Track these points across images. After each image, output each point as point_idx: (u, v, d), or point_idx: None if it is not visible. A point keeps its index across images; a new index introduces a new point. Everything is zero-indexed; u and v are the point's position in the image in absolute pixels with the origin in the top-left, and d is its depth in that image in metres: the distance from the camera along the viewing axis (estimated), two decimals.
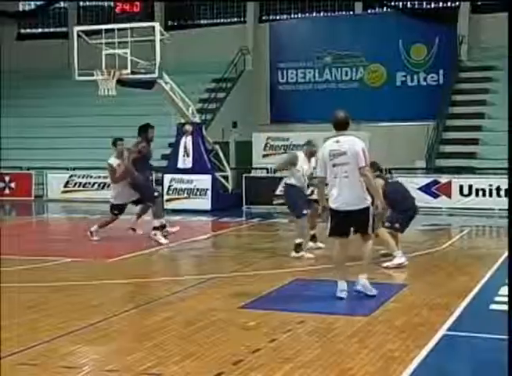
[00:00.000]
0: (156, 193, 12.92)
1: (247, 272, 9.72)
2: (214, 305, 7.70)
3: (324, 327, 6.79)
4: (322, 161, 7.94)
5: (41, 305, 7.93)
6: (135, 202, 12.84)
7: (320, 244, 11.22)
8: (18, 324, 7.01)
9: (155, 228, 12.45)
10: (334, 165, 7.81)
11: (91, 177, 21.34)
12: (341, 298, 7.82)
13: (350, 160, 7.74)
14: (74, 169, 22.13)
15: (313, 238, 11.33)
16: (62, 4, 29.33)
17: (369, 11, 26.45)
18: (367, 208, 7.84)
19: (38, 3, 29.44)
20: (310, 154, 10.90)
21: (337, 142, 7.88)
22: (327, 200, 8.08)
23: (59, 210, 19.96)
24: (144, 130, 12.68)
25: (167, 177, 18.33)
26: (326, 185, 8.10)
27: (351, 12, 26.45)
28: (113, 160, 12.71)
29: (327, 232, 8.10)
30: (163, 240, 12.28)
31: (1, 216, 18.75)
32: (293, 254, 10.69)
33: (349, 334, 6.53)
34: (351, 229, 7.98)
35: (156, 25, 16.86)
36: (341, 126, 7.98)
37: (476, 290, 8.30)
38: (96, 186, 21.21)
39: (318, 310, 7.38)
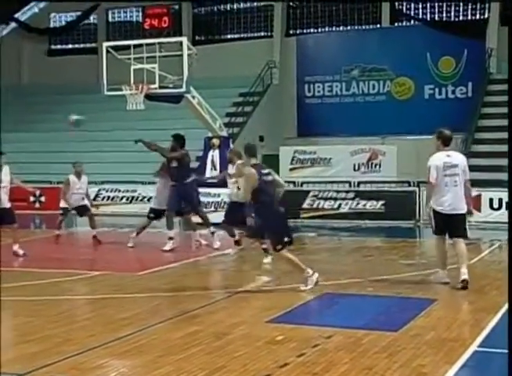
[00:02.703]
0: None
1: (275, 285, 9.70)
2: (242, 319, 7.69)
3: (353, 342, 6.74)
4: (435, 171, 9.16)
5: (72, 317, 8.00)
6: (177, 214, 13.07)
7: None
8: (49, 336, 7.07)
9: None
10: (446, 175, 9.19)
11: (119, 191, 21.50)
12: (447, 283, 9.37)
13: (459, 172, 9.27)
14: (103, 183, 22.31)
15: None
16: (91, 20, 29.72)
17: (396, 24, 26.43)
18: (464, 214, 9.31)
19: (69, 20, 29.85)
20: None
21: (449, 156, 9.32)
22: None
23: (87, 223, 20.07)
24: (183, 139, 12.85)
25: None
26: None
27: (379, 26, 26.46)
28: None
29: (432, 231, 9.53)
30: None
31: (32, 230, 18.95)
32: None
33: (378, 350, 6.48)
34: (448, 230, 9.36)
35: (184, 40, 17.02)
36: (449, 141, 9.44)
37: (507, 305, 8.20)
38: (125, 199, 21.37)
39: (346, 325, 7.34)
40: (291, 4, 27.61)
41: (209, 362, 6.16)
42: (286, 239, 9.10)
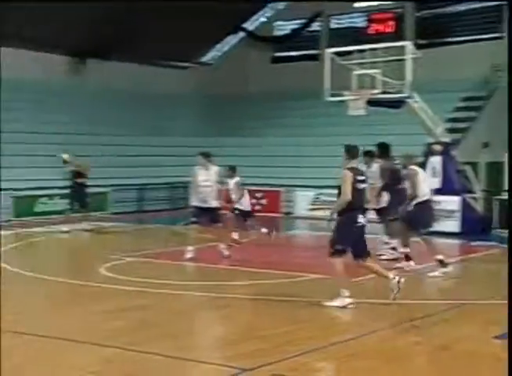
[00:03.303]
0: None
1: (502, 300, 9.19)
2: (465, 333, 7.40)
3: None
4: None
5: (293, 318, 8.18)
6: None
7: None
8: (272, 336, 7.29)
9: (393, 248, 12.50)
10: None
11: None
12: None
13: None
14: (321, 187, 22.61)
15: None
16: (314, 27, 30.31)
17: None
18: None
19: (293, 27, 30.70)
20: None
21: None
22: None
23: (306, 227, 20.50)
24: (387, 148, 12.79)
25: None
26: None
27: None
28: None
29: None
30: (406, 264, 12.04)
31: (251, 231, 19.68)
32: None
33: None
34: None
35: (408, 44, 16.76)
36: None
37: None
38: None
39: None
40: None
41: (430, 374, 5.98)
42: (339, 247, 8.75)
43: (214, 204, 12.68)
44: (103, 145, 24.30)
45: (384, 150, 13.18)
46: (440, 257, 11.35)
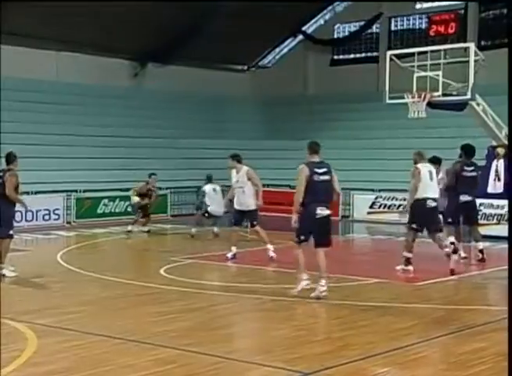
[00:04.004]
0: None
1: None
2: None
3: None
4: None
5: (351, 323, 8.10)
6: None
7: None
8: (332, 339, 7.23)
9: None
10: None
11: (396, 199, 21.40)
12: None
13: None
14: (380, 191, 22.39)
15: None
16: (373, 29, 30.05)
17: None
18: None
19: (352, 30, 30.50)
20: None
21: None
22: None
23: (364, 230, 20.32)
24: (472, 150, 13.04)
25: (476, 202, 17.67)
26: None
27: None
28: None
29: None
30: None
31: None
32: None
33: None
34: None
35: (471, 46, 16.46)
36: None
37: None
38: (401, 208, 21.20)
39: None
40: None
41: None
42: (302, 237, 9.17)
43: (251, 206, 12.86)
44: (161, 147, 24.61)
45: (469, 151, 13.17)
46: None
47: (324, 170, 9.23)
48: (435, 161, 12.92)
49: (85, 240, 16.27)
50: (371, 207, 22.07)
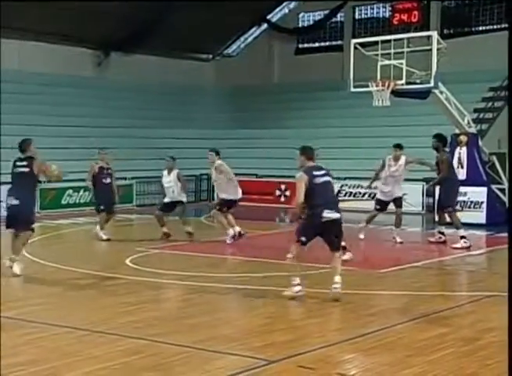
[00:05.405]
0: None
1: None
2: (492, 325, 7.33)
3: None
4: None
5: (317, 310, 8.16)
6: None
7: None
8: (297, 327, 7.27)
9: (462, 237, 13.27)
10: None
11: (361, 187, 21.55)
12: None
13: None
14: (345, 179, 22.52)
15: None
16: (338, 18, 30.12)
17: None
18: None
19: (317, 18, 30.54)
20: None
21: None
22: None
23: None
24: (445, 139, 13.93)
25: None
26: None
27: None
28: None
29: None
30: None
31: (276, 223, 19.69)
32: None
33: None
34: None
35: (434, 34, 16.58)
36: None
37: None
38: (366, 196, 21.37)
39: None
40: None
41: (459, 367, 5.94)
42: (302, 238, 8.84)
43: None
44: (125, 137, 24.41)
45: (445, 140, 14.20)
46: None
47: (323, 172, 9.10)
48: (400, 147, 13.89)
49: (50, 231, 16.11)
50: (336, 195, 22.17)
